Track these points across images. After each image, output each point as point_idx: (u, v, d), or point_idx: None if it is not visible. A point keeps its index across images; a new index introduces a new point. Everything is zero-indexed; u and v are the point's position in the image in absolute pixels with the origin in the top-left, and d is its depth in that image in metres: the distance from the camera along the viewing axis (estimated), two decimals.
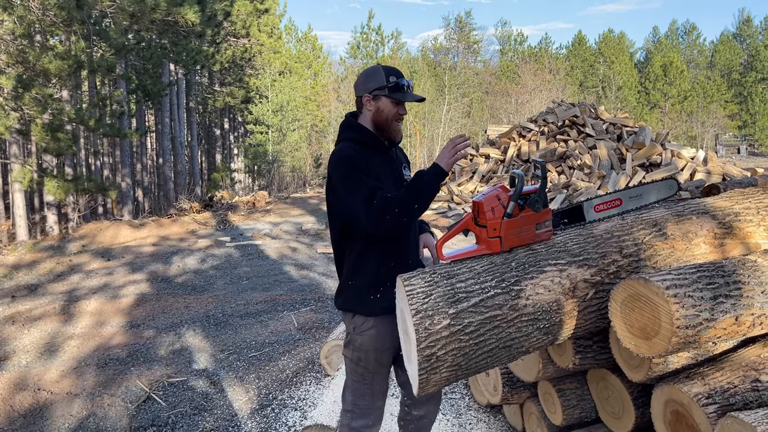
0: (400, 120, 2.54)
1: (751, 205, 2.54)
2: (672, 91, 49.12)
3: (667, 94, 49.41)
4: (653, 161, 11.57)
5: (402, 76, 2.52)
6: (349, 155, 2.43)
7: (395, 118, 2.51)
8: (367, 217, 2.32)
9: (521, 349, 2.33)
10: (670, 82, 49.42)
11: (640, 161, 11.59)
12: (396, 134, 2.55)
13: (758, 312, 2.06)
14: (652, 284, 2.00)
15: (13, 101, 15.82)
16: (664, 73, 50.03)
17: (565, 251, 2.37)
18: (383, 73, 2.49)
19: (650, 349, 2.04)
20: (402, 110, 2.52)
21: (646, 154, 11.58)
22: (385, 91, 2.46)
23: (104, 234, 11.39)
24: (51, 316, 6.34)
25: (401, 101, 2.50)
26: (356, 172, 2.39)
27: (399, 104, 2.50)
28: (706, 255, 2.42)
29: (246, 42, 28.93)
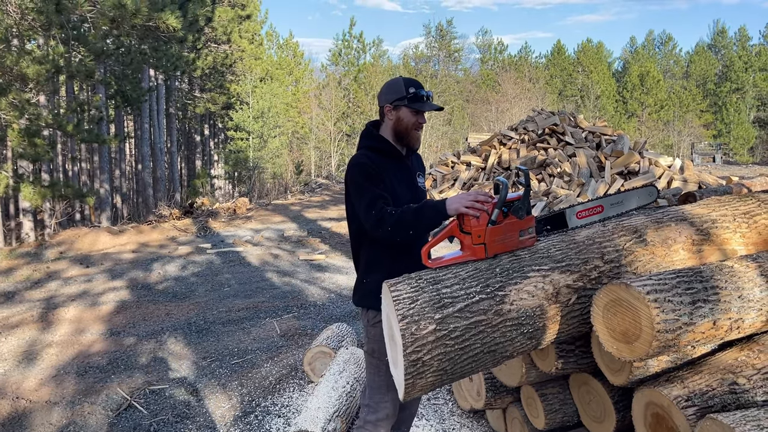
0: (419, 128, 2.69)
1: (728, 213, 2.61)
2: (649, 100, 49.87)
3: (644, 104, 50.15)
4: (631, 169, 11.72)
5: (421, 87, 2.66)
6: (362, 162, 2.59)
7: (414, 127, 2.66)
8: (367, 222, 2.52)
9: (505, 354, 2.36)
10: (647, 91, 50.18)
11: (618, 169, 11.74)
12: (415, 141, 2.71)
13: (735, 316, 2.12)
14: (633, 289, 2.05)
15: None
16: (641, 83, 50.79)
17: (548, 257, 2.41)
18: (403, 85, 2.63)
19: (631, 353, 2.09)
20: (421, 119, 2.66)
21: (625, 162, 11.74)
22: (405, 102, 2.61)
23: (82, 241, 11.25)
24: (29, 324, 6.25)
25: (420, 111, 2.63)
26: (364, 180, 2.55)
27: (418, 113, 2.64)
28: (685, 261, 2.48)
29: (227, 48, 28.84)
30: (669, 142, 46.64)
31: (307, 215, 15.30)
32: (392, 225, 2.40)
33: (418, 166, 2.87)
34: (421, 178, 2.85)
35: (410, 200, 2.69)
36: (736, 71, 50.87)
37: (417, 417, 3.83)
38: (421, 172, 2.86)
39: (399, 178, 2.67)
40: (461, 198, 2.29)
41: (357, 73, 38.45)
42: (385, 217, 2.42)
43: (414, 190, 2.75)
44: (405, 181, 2.71)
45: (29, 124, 15.69)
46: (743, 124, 48.48)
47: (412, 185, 2.75)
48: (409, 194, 2.69)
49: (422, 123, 2.67)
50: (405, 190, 2.67)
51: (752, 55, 52.40)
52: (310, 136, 36.46)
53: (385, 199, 2.51)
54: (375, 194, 2.50)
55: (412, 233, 2.41)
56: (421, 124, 2.67)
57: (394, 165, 2.68)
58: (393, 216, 2.41)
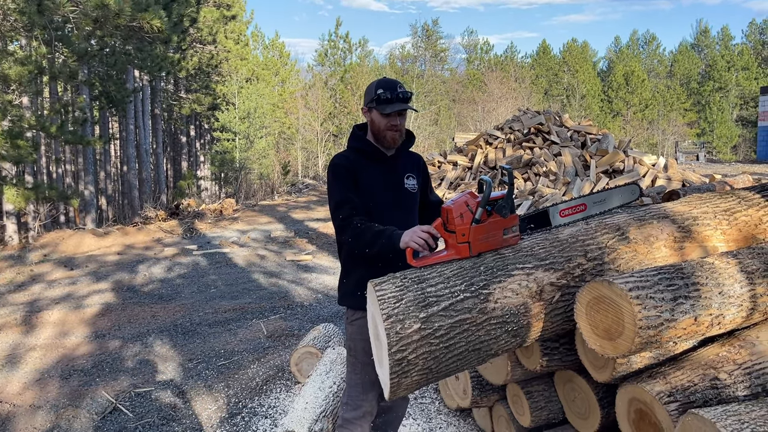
0: (393, 129, 2.64)
1: (709, 210, 2.64)
2: (633, 99, 50.25)
3: (629, 103, 50.52)
4: (616, 168, 11.81)
5: (393, 88, 2.61)
6: (335, 163, 2.63)
7: (387, 128, 2.63)
8: (333, 224, 2.62)
9: (490, 352, 2.37)
10: (632, 90, 50.57)
11: (603, 168, 11.82)
12: (391, 142, 2.66)
13: (716, 312, 2.14)
14: (615, 286, 2.07)
15: None
16: (626, 82, 51.19)
17: (532, 255, 2.42)
18: (374, 87, 2.62)
19: (615, 350, 2.11)
20: (393, 120, 2.62)
21: (609, 161, 11.82)
22: (374, 104, 2.60)
23: (67, 243, 11.15)
24: (12, 327, 6.19)
25: (389, 113, 2.59)
26: (335, 181, 2.61)
27: (389, 116, 2.60)
28: (667, 258, 2.50)
29: (212, 49, 28.70)
30: (653, 140, 47.02)
31: (294, 216, 15.27)
32: (352, 237, 2.48)
33: (411, 167, 2.81)
34: (412, 180, 2.79)
35: (391, 203, 2.69)
36: (719, 70, 51.40)
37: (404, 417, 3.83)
38: (412, 174, 2.80)
39: (379, 180, 2.66)
40: (412, 232, 2.32)
41: (343, 73, 38.40)
42: (348, 228, 2.50)
43: (397, 192, 2.72)
44: (387, 183, 2.69)
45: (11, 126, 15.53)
46: (726, 123, 49.00)
47: (395, 187, 2.72)
48: (389, 196, 2.67)
49: (395, 124, 2.60)
50: (383, 192, 2.66)
51: (735, 55, 52.97)
52: (296, 137, 36.37)
53: (352, 204, 2.54)
54: (343, 197, 2.55)
55: (367, 252, 2.46)
56: (394, 126, 2.61)
57: (376, 166, 2.68)
58: (356, 229, 2.47)
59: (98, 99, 23.47)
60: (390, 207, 2.70)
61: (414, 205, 2.84)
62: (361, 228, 2.48)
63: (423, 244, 2.34)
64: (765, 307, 2.25)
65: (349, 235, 2.51)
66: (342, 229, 2.55)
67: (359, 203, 2.58)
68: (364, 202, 2.61)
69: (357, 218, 2.53)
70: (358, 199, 2.59)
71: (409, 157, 2.85)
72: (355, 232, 2.48)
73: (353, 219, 2.52)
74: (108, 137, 21.08)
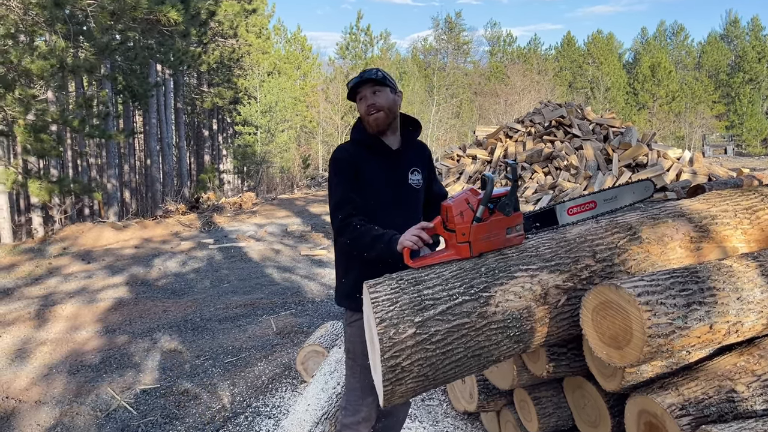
0: (370, 113, 2.52)
1: (729, 208, 2.47)
2: (660, 91, 49.32)
3: (655, 95, 49.61)
4: (639, 162, 11.53)
5: (362, 72, 2.54)
6: (336, 157, 2.54)
7: (366, 113, 2.53)
8: (332, 223, 2.50)
9: (491, 358, 2.25)
10: (658, 82, 49.62)
11: (626, 162, 11.55)
12: (373, 126, 2.54)
13: (733, 319, 1.99)
14: (623, 291, 1.92)
15: None
16: (653, 74, 50.22)
17: (536, 256, 2.29)
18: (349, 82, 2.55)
19: (622, 359, 1.96)
20: (366, 101, 2.51)
21: (633, 154, 11.55)
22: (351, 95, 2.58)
23: (86, 236, 11.22)
24: (24, 321, 6.20)
25: (362, 97, 2.53)
26: (336, 175, 2.52)
27: (364, 99, 2.52)
28: (682, 259, 2.35)
29: (234, 42, 28.76)
30: (680, 133, 46.16)
31: (311, 210, 15.21)
32: (351, 239, 2.39)
33: (417, 160, 2.69)
34: (417, 174, 2.66)
35: (392, 200, 2.57)
36: (749, 62, 50.20)
37: (410, 419, 3.72)
38: (418, 168, 2.67)
39: (381, 176, 2.54)
40: (410, 233, 2.23)
41: (365, 66, 38.26)
42: (347, 229, 2.41)
43: (401, 189, 2.60)
44: (389, 179, 2.57)
45: (35, 120, 15.70)
46: (756, 116, 47.85)
47: (398, 183, 2.60)
48: (390, 192, 2.55)
49: (370, 104, 2.49)
50: (385, 189, 2.54)
51: (766, 45, 51.66)
52: (317, 131, 36.36)
53: (353, 203, 2.45)
54: (344, 196, 2.46)
55: (365, 255, 2.36)
56: (369, 107, 2.49)
57: (378, 160, 2.56)
58: (355, 231, 2.38)
59: (121, 93, 23.67)
60: (391, 205, 2.59)
61: (418, 202, 2.71)
62: (360, 230, 2.38)
63: (417, 241, 2.23)
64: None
65: (347, 237, 2.42)
66: (341, 230, 2.45)
67: (360, 202, 2.48)
68: (364, 200, 2.50)
69: (357, 219, 2.43)
70: (359, 197, 2.48)
71: (416, 149, 2.72)
72: (354, 235, 2.39)
73: (353, 219, 2.42)
74: (130, 131, 21.23)
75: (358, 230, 2.38)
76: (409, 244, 2.24)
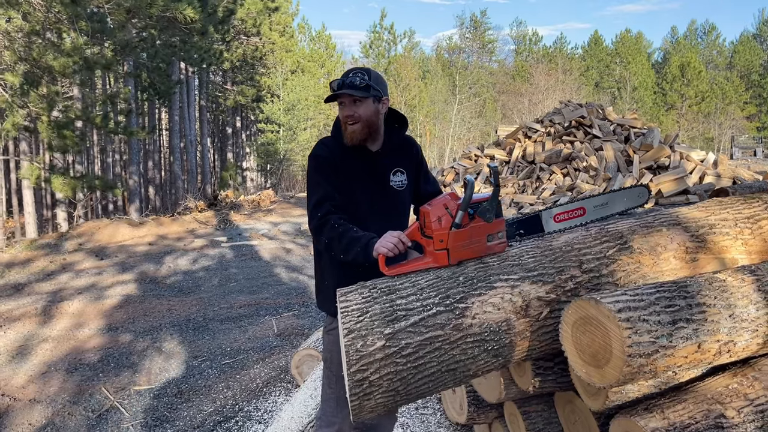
0: (348, 122, 2.36)
1: (729, 216, 2.31)
2: (689, 92, 48.36)
3: (684, 95, 48.66)
4: (661, 164, 11.22)
5: (344, 76, 2.37)
6: (318, 154, 2.40)
7: (344, 121, 2.38)
8: (310, 222, 2.35)
9: (468, 373, 2.12)
10: (688, 82, 48.66)
11: (647, 163, 11.25)
12: (348, 137, 2.38)
13: (725, 338, 1.84)
14: (602, 306, 1.78)
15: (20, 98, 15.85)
16: (682, 74, 49.27)
17: (518, 265, 2.16)
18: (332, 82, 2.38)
19: (602, 379, 1.83)
20: (345, 111, 2.35)
21: (654, 156, 11.24)
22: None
23: (102, 232, 11.29)
24: (31, 317, 6.21)
25: (343, 103, 2.36)
26: (317, 173, 2.38)
27: (343, 106, 2.37)
28: (676, 271, 2.20)
29: (257, 40, 28.84)
30: (709, 135, 45.23)
31: None
32: (328, 240, 2.26)
33: (402, 160, 2.53)
34: (401, 175, 2.51)
35: (369, 202, 2.44)
36: None
37: (402, 427, 3.60)
38: (401, 168, 2.52)
39: (359, 178, 2.41)
40: (387, 239, 2.11)
41: (387, 65, 38.13)
42: (325, 227, 2.27)
43: (380, 192, 2.46)
44: (368, 181, 2.44)
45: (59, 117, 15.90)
46: None
47: (377, 186, 2.46)
48: (368, 195, 2.42)
49: (347, 115, 2.32)
50: (362, 190, 2.41)
51: None
52: None
53: (333, 202, 2.32)
54: (325, 194, 2.33)
55: (342, 258, 2.24)
56: (347, 117, 2.33)
57: (357, 161, 2.43)
58: (333, 230, 2.25)
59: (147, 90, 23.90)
60: (369, 208, 2.46)
61: (401, 204, 2.57)
62: (338, 230, 2.24)
63: (392, 248, 2.11)
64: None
65: (325, 236, 2.28)
66: (319, 229, 2.29)
67: (341, 201, 2.36)
68: (342, 203, 2.38)
69: (335, 217, 2.29)
70: (339, 196, 2.36)
71: (400, 147, 2.55)
72: (332, 235, 2.25)
73: (331, 217, 2.28)
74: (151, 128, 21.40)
75: (336, 230, 2.24)
76: (384, 251, 2.12)
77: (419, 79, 38.23)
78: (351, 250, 2.21)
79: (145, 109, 27.87)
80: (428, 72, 41.60)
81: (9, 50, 15.01)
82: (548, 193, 11.39)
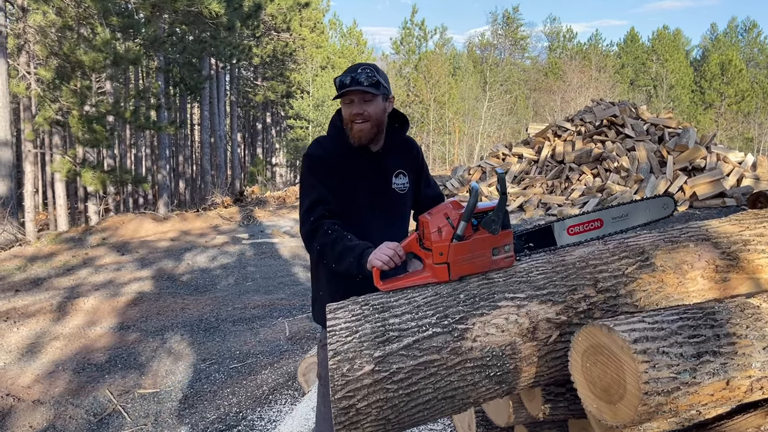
0: (357, 120, 2.20)
1: (766, 232, 2.07)
2: (729, 90, 47.04)
3: (723, 94, 47.36)
4: (696, 165, 10.81)
5: (350, 71, 2.20)
6: (313, 153, 2.25)
7: (351, 119, 2.21)
8: (301, 227, 2.21)
9: (468, 400, 1.92)
10: (728, 81, 47.35)
11: (682, 165, 10.85)
12: (356, 136, 2.22)
13: (758, 374, 1.61)
14: (616, 335, 1.57)
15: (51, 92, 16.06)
16: (721, 72, 47.97)
17: (526, 282, 1.95)
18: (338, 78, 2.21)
19: (614, 417, 1.61)
20: (355, 109, 2.19)
21: (689, 157, 10.83)
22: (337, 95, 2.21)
23: (126, 227, 11.32)
24: (45, 314, 6.17)
25: (352, 101, 2.19)
26: (311, 176, 2.23)
27: (351, 104, 2.20)
28: (704, 292, 1.96)
29: (287, 36, 28.84)
30: (749, 135, 43.92)
31: None
32: (320, 246, 2.10)
33: (403, 161, 2.38)
34: (403, 177, 2.36)
35: (371, 205, 2.27)
36: None
37: None
38: (403, 170, 2.37)
39: (359, 180, 2.25)
40: (382, 251, 1.94)
41: (418, 61, 37.84)
42: (318, 233, 2.11)
43: (382, 195, 2.30)
44: (368, 184, 2.27)
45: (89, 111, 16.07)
46: None
47: (379, 189, 2.30)
48: (369, 198, 2.26)
49: (357, 113, 2.17)
50: (363, 193, 2.25)
51: None
52: None
53: (328, 206, 2.15)
54: (320, 197, 2.16)
55: (334, 268, 2.07)
56: (356, 115, 2.18)
57: (357, 162, 2.27)
58: (325, 236, 2.09)
59: (177, 86, 24.08)
60: (370, 212, 2.28)
61: (403, 208, 2.40)
62: (331, 237, 2.08)
63: (387, 261, 1.93)
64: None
65: (317, 243, 2.11)
66: (311, 234, 2.13)
67: (336, 206, 2.19)
68: (339, 206, 2.21)
69: (329, 222, 2.12)
70: (335, 200, 2.19)
71: (401, 148, 2.39)
72: (324, 241, 2.09)
73: (325, 222, 2.12)
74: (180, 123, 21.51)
75: (329, 236, 2.08)
76: (379, 264, 1.94)
77: (449, 75, 37.87)
78: (344, 260, 2.04)
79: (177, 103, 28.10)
80: (458, 68, 41.18)
81: (40, 45, 15.21)
82: (577, 194, 11.07)
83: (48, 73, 15.57)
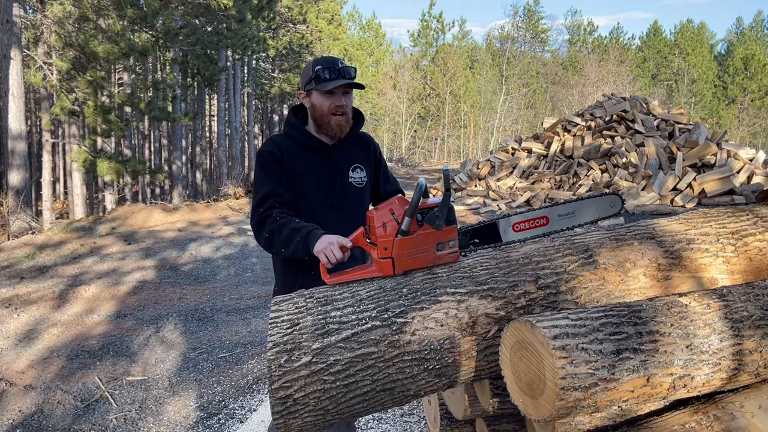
0: (338, 113, 2.26)
1: (711, 231, 2.07)
2: (753, 85, 46.28)
3: (747, 89, 46.57)
4: (706, 162, 10.68)
5: (331, 63, 2.24)
6: (266, 150, 2.28)
7: (331, 111, 2.25)
8: (251, 220, 2.25)
9: (408, 393, 1.96)
10: (751, 76, 46.57)
11: (691, 161, 10.73)
12: (335, 129, 2.28)
13: (680, 372, 1.62)
14: (537, 331, 1.59)
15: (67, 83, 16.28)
16: (745, 67, 47.17)
17: (469, 278, 1.97)
18: (312, 66, 2.25)
19: (537, 411, 1.64)
20: (338, 101, 2.24)
21: (699, 153, 10.71)
22: (312, 84, 2.23)
23: (136, 217, 11.47)
24: (46, 301, 6.31)
25: (333, 93, 2.23)
26: (263, 171, 2.26)
27: (333, 95, 2.23)
28: (646, 290, 1.98)
29: (304, 28, 28.88)
30: None
31: None
32: (268, 233, 2.12)
33: (359, 155, 2.43)
34: (360, 171, 2.41)
35: (328, 202, 2.32)
36: None
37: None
38: (361, 165, 2.42)
39: (315, 174, 2.30)
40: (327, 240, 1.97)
41: (435, 54, 37.68)
42: (266, 222, 2.14)
43: (338, 189, 2.34)
44: (325, 178, 2.32)
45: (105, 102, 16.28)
46: None
47: (335, 183, 2.34)
48: (323, 192, 2.30)
49: (340, 105, 2.22)
50: (320, 189, 2.30)
51: None
52: (384, 118, 36.18)
53: (279, 198, 2.19)
54: (270, 190, 2.20)
55: (283, 253, 2.10)
56: (339, 107, 2.22)
57: (312, 157, 2.31)
58: (273, 223, 2.11)
59: (194, 77, 24.26)
60: (328, 207, 2.33)
61: (362, 202, 2.44)
62: (279, 223, 2.12)
63: (330, 255, 1.97)
64: (756, 367, 1.69)
65: (266, 231, 2.14)
66: (259, 225, 2.17)
67: (289, 199, 2.23)
68: (294, 200, 2.25)
69: (278, 211, 2.16)
70: (287, 194, 2.23)
71: (357, 142, 2.44)
72: (272, 227, 2.12)
73: (273, 212, 2.16)
74: (194, 114, 21.68)
75: (277, 222, 2.12)
76: (324, 260, 1.99)
77: (467, 68, 37.67)
78: (291, 242, 2.07)
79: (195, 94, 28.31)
80: (476, 62, 40.94)
81: (57, 36, 15.42)
82: (584, 189, 11.00)
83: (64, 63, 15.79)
